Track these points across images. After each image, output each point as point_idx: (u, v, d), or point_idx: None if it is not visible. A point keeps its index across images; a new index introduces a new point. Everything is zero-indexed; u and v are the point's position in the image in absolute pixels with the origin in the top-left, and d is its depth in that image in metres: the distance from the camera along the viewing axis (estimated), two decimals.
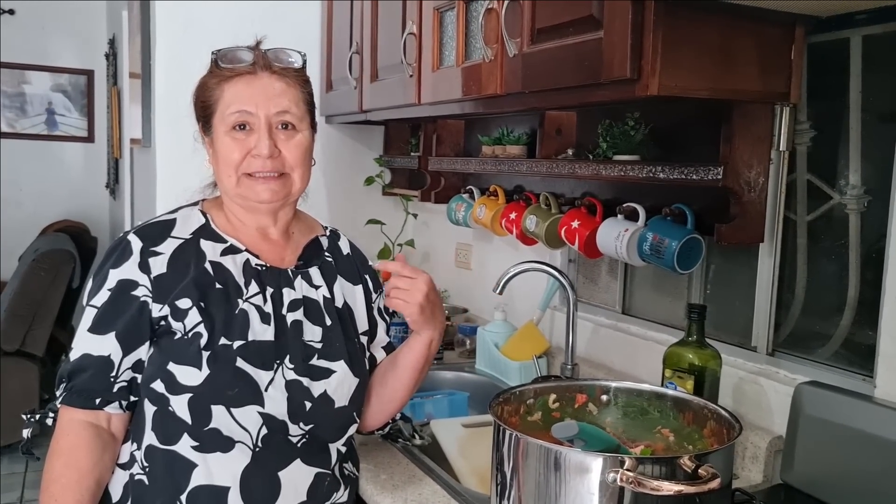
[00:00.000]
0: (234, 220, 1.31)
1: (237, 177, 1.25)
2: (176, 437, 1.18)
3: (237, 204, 1.29)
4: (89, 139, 5.83)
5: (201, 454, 1.18)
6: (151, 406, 1.20)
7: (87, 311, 1.22)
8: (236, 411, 1.19)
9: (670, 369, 1.52)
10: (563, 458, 0.97)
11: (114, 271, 1.22)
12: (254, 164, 1.24)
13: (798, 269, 1.59)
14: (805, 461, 1.39)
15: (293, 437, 1.23)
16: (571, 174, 1.83)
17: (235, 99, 1.24)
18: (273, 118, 1.24)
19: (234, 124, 1.23)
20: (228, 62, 1.26)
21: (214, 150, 1.27)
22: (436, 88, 1.99)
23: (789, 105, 1.49)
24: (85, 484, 1.17)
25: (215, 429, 1.18)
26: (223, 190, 1.29)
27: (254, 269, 1.27)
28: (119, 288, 1.21)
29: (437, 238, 2.86)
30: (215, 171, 1.29)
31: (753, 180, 1.50)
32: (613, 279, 2.08)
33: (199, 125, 1.32)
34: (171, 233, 1.26)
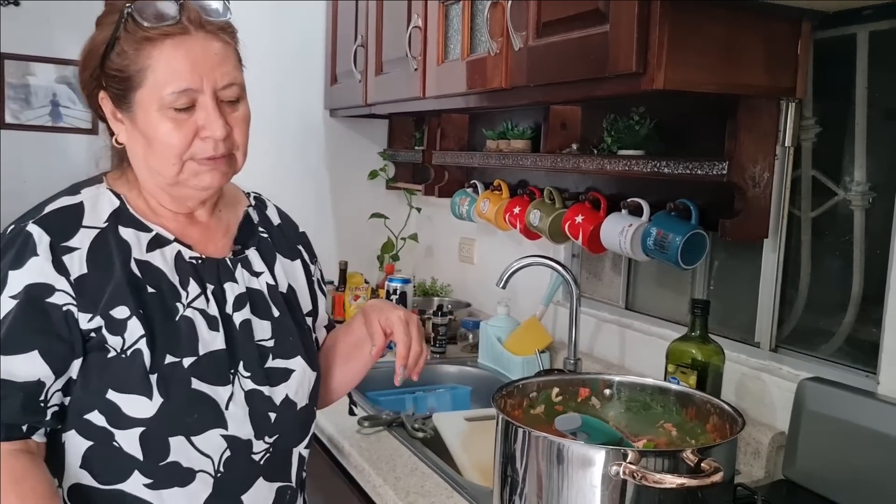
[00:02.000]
0: (154, 203, 1.09)
1: (181, 164, 1.03)
2: (123, 475, 1.00)
3: (161, 188, 1.07)
4: (93, 131, 5.82)
5: (155, 491, 1.01)
6: (83, 440, 1.01)
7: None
8: (197, 439, 1.02)
9: (673, 364, 1.52)
10: (566, 451, 0.97)
11: (15, 273, 0.98)
12: (203, 149, 1.03)
13: (802, 265, 1.58)
14: (807, 457, 1.39)
15: (256, 455, 1.08)
16: (576, 169, 1.83)
17: (173, 72, 0.99)
18: (220, 92, 1.02)
19: (177, 105, 1.00)
20: (152, 19, 0.99)
21: (138, 131, 1.03)
22: (440, 82, 1.99)
23: (795, 101, 1.48)
24: None
25: (174, 462, 1.01)
26: (153, 176, 1.06)
27: (188, 264, 1.08)
28: (28, 295, 0.97)
29: (441, 232, 2.86)
30: (139, 155, 1.05)
31: (758, 176, 1.49)
32: (617, 274, 2.08)
33: (101, 98, 1.05)
34: (82, 221, 1.02)
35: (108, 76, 1.02)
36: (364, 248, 2.89)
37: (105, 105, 1.05)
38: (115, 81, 1.02)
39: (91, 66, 1.04)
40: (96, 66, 1.03)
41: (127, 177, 1.10)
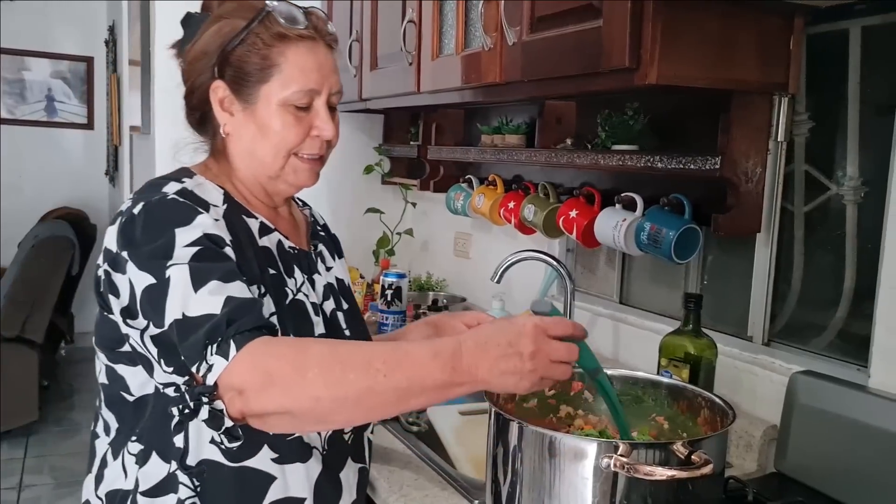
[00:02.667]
0: (248, 195, 1.13)
1: (287, 158, 1.10)
2: (253, 450, 1.03)
3: (260, 180, 1.13)
4: (89, 126, 5.84)
5: (280, 466, 1.05)
6: None
7: (174, 275, 0.93)
8: None
9: (666, 358, 1.53)
10: (558, 444, 0.98)
11: (184, 229, 0.96)
12: (311, 146, 1.10)
13: (794, 259, 1.59)
14: (799, 450, 1.40)
15: (345, 435, 1.15)
16: (570, 164, 1.83)
17: (301, 72, 1.07)
18: (331, 97, 1.11)
19: (298, 103, 1.07)
20: (288, 20, 1.07)
21: (253, 122, 1.08)
22: (435, 77, 1.99)
23: (788, 96, 1.49)
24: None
25: (298, 437, 1.06)
26: (255, 167, 1.11)
27: (288, 253, 1.13)
28: (207, 241, 0.96)
29: (436, 227, 2.87)
30: (245, 145, 1.10)
31: (751, 171, 1.50)
32: (611, 269, 2.09)
33: (214, 87, 1.08)
34: (207, 201, 1.05)
35: (231, 66, 1.07)
36: (360, 243, 2.89)
37: (217, 93, 1.08)
38: (239, 72, 1.07)
39: (210, 54, 1.08)
40: (217, 55, 1.07)
41: (217, 169, 1.13)
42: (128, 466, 1.05)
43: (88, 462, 1.13)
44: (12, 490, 3.54)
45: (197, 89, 1.11)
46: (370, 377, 0.85)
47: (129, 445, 1.05)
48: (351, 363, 0.86)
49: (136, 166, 3.69)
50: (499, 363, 0.88)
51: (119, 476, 1.05)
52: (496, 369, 0.88)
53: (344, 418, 0.91)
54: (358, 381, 0.85)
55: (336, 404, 0.86)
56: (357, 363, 0.86)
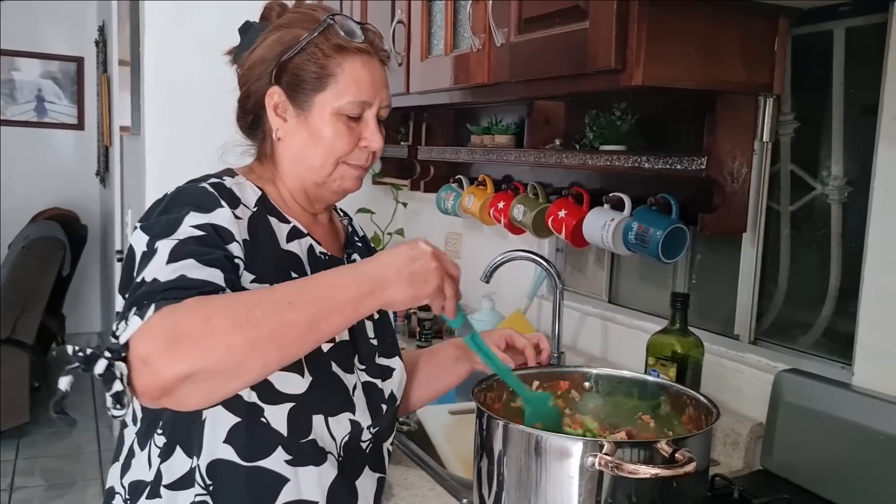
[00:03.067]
0: (289, 198, 1.16)
1: (335, 165, 1.12)
2: (267, 451, 1.03)
3: (305, 185, 1.15)
4: (79, 127, 5.83)
5: (293, 468, 1.05)
6: (230, 416, 1.02)
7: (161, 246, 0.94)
8: (332, 420, 1.08)
9: (653, 357, 1.54)
10: (544, 443, 0.99)
11: (199, 214, 0.99)
12: (359, 156, 1.13)
13: (781, 258, 1.60)
14: (784, 447, 1.41)
15: (363, 443, 1.14)
16: (559, 164, 1.84)
17: (356, 84, 1.10)
18: (381, 110, 1.14)
19: (351, 113, 1.10)
20: (348, 34, 1.10)
21: (305, 129, 1.11)
22: (424, 77, 2.00)
23: (773, 96, 1.50)
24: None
25: (312, 440, 1.06)
26: (302, 173, 1.14)
27: (319, 258, 1.15)
28: (211, 230, 0.99)
29: (427, 227, 2.87)
30: (294, 150, 1.13)
31: (737, 171, 1.51)
32: (600, 268, 2.10)
33: (270, 92, 1.12)
34: (238, 199, 1.07)
35: (288, 73, 1.11)
36: None
37: (272, 99, 1.12)
38: (295, 80, 1.11)
39: (269, 61, 1.11)
40: (276, 62, 1.11)
41: (261, 172, 1.17)
42: (152, 459, 1.06)
43: (116, 449, 1.15)
44: (3, 492, 3.53)
45: (252, 94, 1.15)
46: (277, 308, 0.85)
47: (156, 438, 1.06)
48: (255, 302, 0.86)
49: (127, 167, 3.68)
50: (406, 266, 0.91)
51: (143, 467, 1.07)
52: (404, 272, 0.91)
53: (260, 363, 0.84)
54: (266, 316, 0.84)
55: (248, 347, 0.82)
56: (262, 300, 0.86)
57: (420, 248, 0.94)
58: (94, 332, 6.00)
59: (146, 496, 1.05)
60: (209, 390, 0.84)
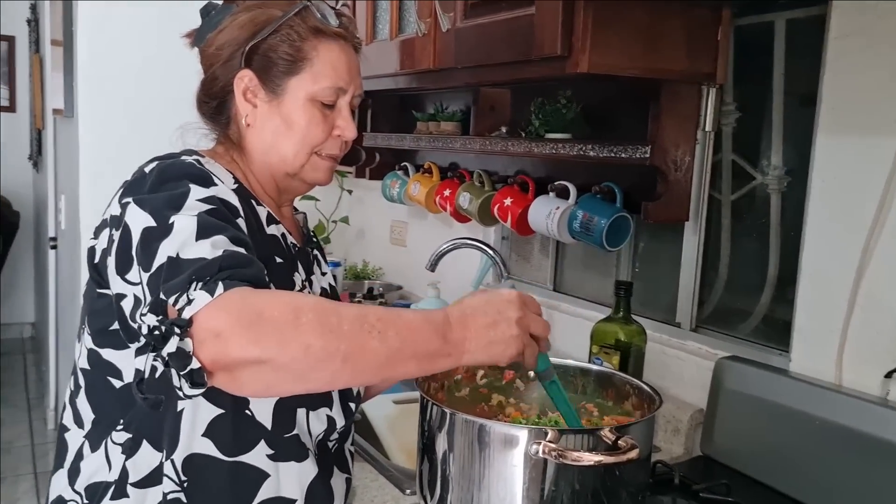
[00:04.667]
0: (257, 187, 1.09)
1: (309, 155, 1.07)
2: (249, 445, 0.99)
3: (275, 176, 1.09)
4: (10, 109, 5.61)
5: (275, 463, 1.00)
6: (212, 408, 0.97)
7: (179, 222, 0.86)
8: (312, 414, 1.04)
9: (597, 345, 1.55)
10: (487, 431, 0.98)
11: (200, 188, 0.92)
12: (332, 146, 1.09)
13: (722, 247, 1.63)
14: (724, 433, 1.44)
15: (330, 442, 1.10)
16: (504, 151, 1.83)
17: (333, 69, 1.05)
18: (354, 99, 1.10)
19: (326, 100, 1.06)
20: (325, 18, 1.06)
21: (278, 115, 1.06)
22: (369, 62, 1.96)
23: (715, 86, 1.52)
24: None
25: (296, 435, 1.02)
26: (275, 162, 1.07)
27: (290, 248, 1.09)
28: (219, 204, 0.92)
29: (372, 215, 2.84)
30: (266, 138, 1.07)
31: (680, 159, 1.52)
32: (545, 257, 2.10)
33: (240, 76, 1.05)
34: (220, 178, 1.00)
35: (260, 55, 1.05)
36: None
37: (242, 82, 1.06)
38: (267, 62, 1.05)
39: (240, 42, 1.05)
40: (247, 43, 1.05)
41: (227, 157, 1.09)
42: (112, 457, 0.99)
43: (57, 456, 1.07)
44: None
45: (220, 77, 1.08)
46: (365, 332, 0.80)
47: (114, 435, 1.00)
48: (347, 315, 0.81)
49: (60, 151, 3.55)
50: (487, 332, 0.87)
51: (101, 468, 1.00)
52: (484, 338, 0.87)
53: (327, 376, 0.80)
54: (353, 333, 0.79)
55: (325, 357, 0.78)
56: (353, 316, 0.81)
57: (507, 306, 0.88)
58: (27, 322, 5.80)
59: (110, 497, 0.98)
60: (269, 384, 0.79)
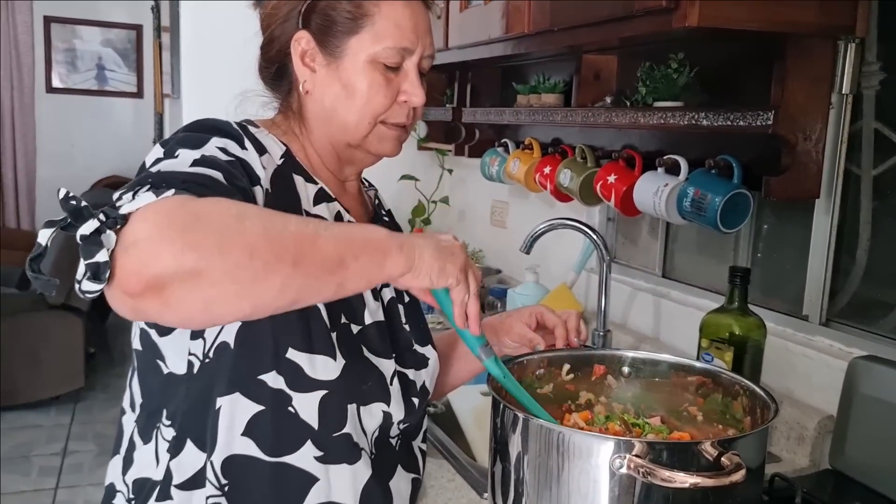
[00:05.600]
0: (317, 160, 1.01)
1: (373, 124, 0.97)
2: (294, 445, 0.91)
3: (336, 147, 1.01)
4: (139, 94, 5.86)
5: (324, 465, 0.92)
6: (251, 404, 0.89)
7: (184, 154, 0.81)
8: (364, 410, 0.95)
9: (707, 339, 1.37)
10: (564, 441, 0.84)
11: (226, 140, 0.87)
12: (398, 114, 0.98)
13: (860, 229, 1.41)
14: (857, 445, 1.24)
15: (392, 440, 1.01)
16: (608, 123, 1.66)
17: (396, 27, 0.95)
18: (423, 60, 0.99)
19: (389, 62, 0.96)
20: None
21: (338, 80, 0.97)
22: (463, 30, 1.85)
23: (855, 41, 1.30)
24: None
25: (346, 434, 0.93)
26: (336, 131, 0.99)
27: None
28: (237, 163, 0.86)
29: (473, 195, 2.73)
30: (326, 106, 0.98)
31: (809, 127, 1.32)
32: (654, 239, 1.92)
33: (297, 37, 0.97)
34: (265, 148, 0.93)
35: (318, 14, 0.97)
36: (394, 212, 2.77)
37: (300, 45, 0.97)
38: (326, 21, 0.96)
39: (297, 1, 0.97)
40: (305, 1, 0.97)
41: (285, 127, 1.02)
42: (160, 454, 0.93)
43: (116, 441, 1.02)
44: (56, 455, 3.58)
45: (276, 39, 1.00)
46: (311, 230, 0.73)
47: (163, 429, 0.93)
48: (290, 219, 0.74)
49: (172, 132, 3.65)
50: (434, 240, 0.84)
51: (150, 464, 0.94)
52: (432, 242, 0.83)
53: (276, 286, 0.70)
54: (300, 233, 0.72)
55: (273, 259, 0.69)
56: (297, 220, 0.75)
57: (444, 235, 0.86)
58: None
59: (156, 498, 0.92)
60: (209, 301, 0.68)
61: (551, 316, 1.13)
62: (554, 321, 1.13)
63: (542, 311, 1.14)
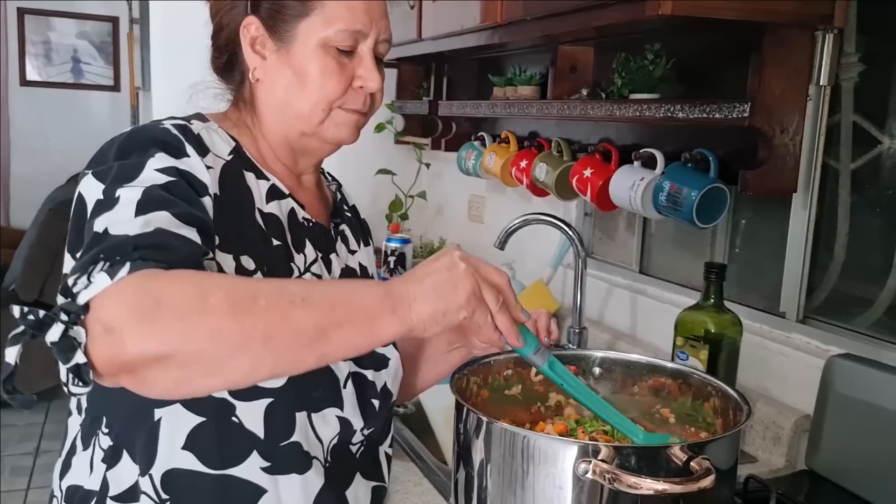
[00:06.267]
0: (270, 154, 0.97)
1: (328, 111, 0.93)
2: (239, 456, 0.87)
3: (289, 137, 0.97)
4: (115, 88, 5.75)
5: (272, 476, 0.88)
6: (192, 416, 0.85)
7: (124, 194, 0.76)
8: (316, 417, 0.91)
9: (682, 337, 1.34)
10: (527, 445, 0.81)
11: (165, 156, 0.82)
12: (354, 101, 0.94)
13: (838, 224, 1.39)
14: (834, 446, 1.21)
15: (353, 446, 0.97)
16: (584, 116, 1.63)
17: (347, 9, 0.91)
18: (379, 45, 0.95)
19: (342, 45, 0.92)
20: None
21: (289, 66, 0.92)
22: (437, 21, 1.81)
23: (833, 31, 1.27)
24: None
25: (296, 443, 0.89)
26: (289, 121, 0.95)
27: (301, 225, 0.97)
28: (180, 177, 0.81)
29: (451, 189, 2.69)
30: (277, 95, 0.94)
31: (787, 120, 1.29)
32: (631, 235, 1.89)
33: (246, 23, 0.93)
34: (207, 146, 0.89)
35: (268, 0, 0.93)
36: (371, 207, 2.73)
37: (249, 31, 0.93)
38: (275, 5, 0.92)
39: None
40: None
41: (237, 119, 0.98)
42: (95, 462, 0.89)
43: (63, 442, 0.96)
44: (28, 455, 3.51)
45: (225, 27, 0.96)
46: (285, 302, 0.69)
47: (101, 437, 0.89)
48: (264, 289, 0.70)
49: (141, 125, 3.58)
50: (432, 278, 0.76)
51: (84, 471, 0.90)
52: (429, 285, 0.76)
53: (246, 364, 0.68)
54: (271, 307, 0.67)
55: (240, 340, 0.66)
56: (270, 289, 0.70)
57: (448, 256, 0.78)
58: None
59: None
60: (178, 381, 0.67)
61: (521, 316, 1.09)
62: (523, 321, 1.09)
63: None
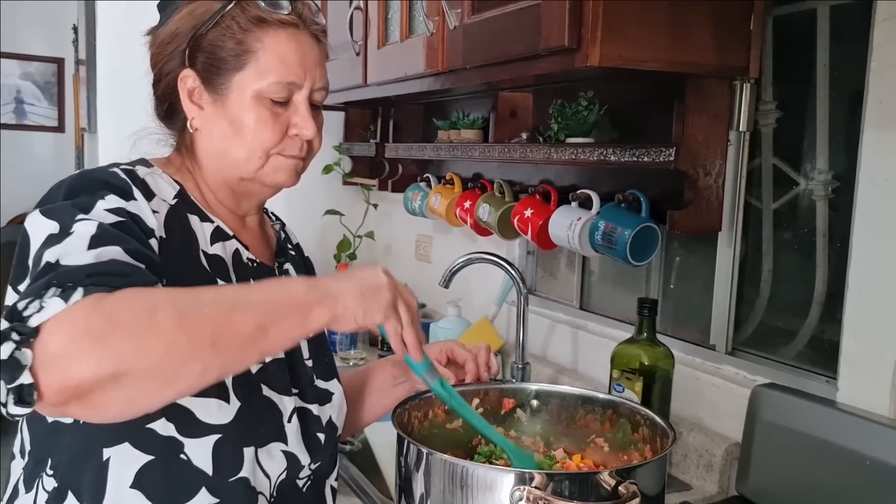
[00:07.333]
0: (212, 197, 1.00)
1: (265, 158, 0.96)
2: (188, 494, 0.88)
3: (229, 181, 0.99)
4: (59, 129, 5.69)
5: None
6: (140, 454, 0.86)
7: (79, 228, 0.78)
8: (262, 452, 0.92)
9: (618, 370, 1.40)
10: (467, 475, 0.84)
11: (115, 197, 0.85)
12: (291, 148, 0.97)
13: (763, 260, 1.46)
14: (761, 471, 1.27)
15: (300, 481, 0.99)
16: (524, 159, 1.69)
17: (280, 62, 0.94)
18: (315, 93, 0.98)
19: (276, 97, 0.94)
20: (268, 3, 0.94)
21: (224, 117, 0.95)
22: (382, 67, 1.86)
23: (749, 81, 1.36)
24: None
25: (243, 478, 0.90)
26: (228, 167, 0.98)
27: (245, 265, 0.99)
28: (131, 219, 0.84)
29: (398, 229, 2.73)
30: (215, 143, 0.97)
31: (710, 163, 1.37)
32: (572, 272, 1.95)
33: (183, 76, 0.95)
34: (152, 190, 0.92)
35: (203, 52, 0.95)
36: (319, 248, 2.75)
37: (186, 83, 0.96)
38: (210, 59, 0.95)
39: (181, 38, 0.96)
40: (188, 39, 0.95)
41: (179, 164, 1.01)
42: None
43: (5, 485, 0.96)
44: None
45: (164, 77, 0.98)
46: (226, 307, 0.73)
47: (45, 479, 0.89)
48: (205, 298, 0.74)
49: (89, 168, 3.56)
50: (357, 280, 0.84)
51: None
52: (355, 284, 0.83)
53: (198, 369, 0.70)
54: (214, 313, 0.72)
55: (191, 348, 0.69)
56: (210, 296, 0.75)
57: (373, 268, 0.86)
58: None
59: None
60: (133, 398, 0.69)
61: (461, 351, 1.14)
62: (464, 356, 1.13)
63: (453, 347, 1.14)
